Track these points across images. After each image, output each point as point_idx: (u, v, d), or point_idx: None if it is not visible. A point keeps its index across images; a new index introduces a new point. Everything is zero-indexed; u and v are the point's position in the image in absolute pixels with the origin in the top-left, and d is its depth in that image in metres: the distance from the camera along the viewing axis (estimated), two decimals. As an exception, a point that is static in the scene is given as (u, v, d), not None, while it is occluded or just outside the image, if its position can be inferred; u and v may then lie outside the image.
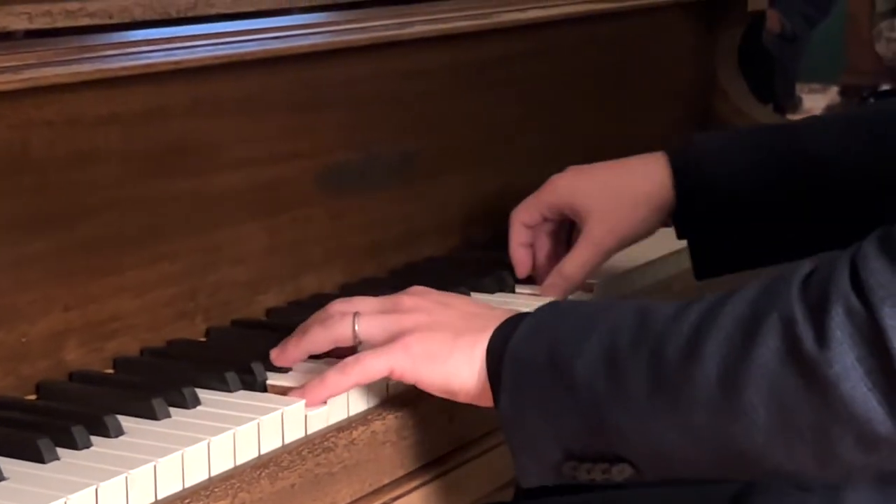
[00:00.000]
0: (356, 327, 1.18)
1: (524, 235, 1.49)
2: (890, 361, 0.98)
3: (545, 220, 1.50)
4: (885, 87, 6.32)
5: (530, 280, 1.50)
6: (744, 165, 1.45)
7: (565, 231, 1.52)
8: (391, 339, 1.16)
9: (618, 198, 1.46)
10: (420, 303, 1.19)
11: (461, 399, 1.16)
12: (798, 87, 5.87)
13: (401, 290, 1.22)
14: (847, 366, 0.99)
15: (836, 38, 6.43)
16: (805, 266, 1.05)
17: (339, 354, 1.20)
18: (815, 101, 6.54)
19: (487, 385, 1.13)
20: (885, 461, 1.03)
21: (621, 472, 1.09)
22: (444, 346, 1.14)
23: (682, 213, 1.47)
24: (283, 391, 1.17)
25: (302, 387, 1.17)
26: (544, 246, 1.50)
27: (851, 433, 1.00)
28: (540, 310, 1.15)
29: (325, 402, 1.16)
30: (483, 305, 1.21)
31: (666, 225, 1.50)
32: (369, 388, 1.20)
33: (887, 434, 0.99)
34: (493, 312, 1.18)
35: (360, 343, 1.18)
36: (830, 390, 0.99)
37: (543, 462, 1.11)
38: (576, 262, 1.45)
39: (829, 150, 1.42)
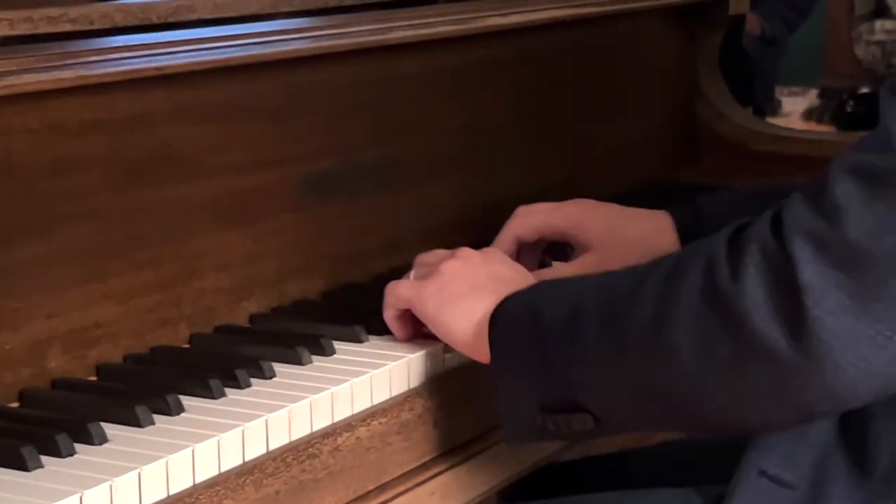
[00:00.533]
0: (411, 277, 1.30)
1: (510, 246, 1.48)
2: (796, 292, 1.00)
3: (540, 239, 1.49)
4: (864, 90, 6.34)
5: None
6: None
7: (542, 248, 1.51)
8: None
9: (622, 246, 1.46)
10: (462, 261, 1.26)
11: (459, 348, 1.23)
12: (777, 89, 5.88)
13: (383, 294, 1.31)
14: (757, 300, 1.01)
15: (816, 42, 6.45)
16: (743, 221, 1.08)
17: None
18: (795, 105, 6.55)
19: (481, 340, 1.19)
20: (797, 400, 1.04)
21: (583, 423, 1.14)
22: (463, 297, 1.22)
23: None
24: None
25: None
26: (522, 257, 1.50)
27: (762, 367, 1.02)
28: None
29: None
30: (517, 274, 1.27)
31: None
32: (354, 394, 1.20)
33: (792, 366, 1.01)
34: (520, 283, 1.23)
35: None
36: (742, 323, 1.02)
37: (522, 415, 1.16)
38: (557, 272, 1.45)
39: None
